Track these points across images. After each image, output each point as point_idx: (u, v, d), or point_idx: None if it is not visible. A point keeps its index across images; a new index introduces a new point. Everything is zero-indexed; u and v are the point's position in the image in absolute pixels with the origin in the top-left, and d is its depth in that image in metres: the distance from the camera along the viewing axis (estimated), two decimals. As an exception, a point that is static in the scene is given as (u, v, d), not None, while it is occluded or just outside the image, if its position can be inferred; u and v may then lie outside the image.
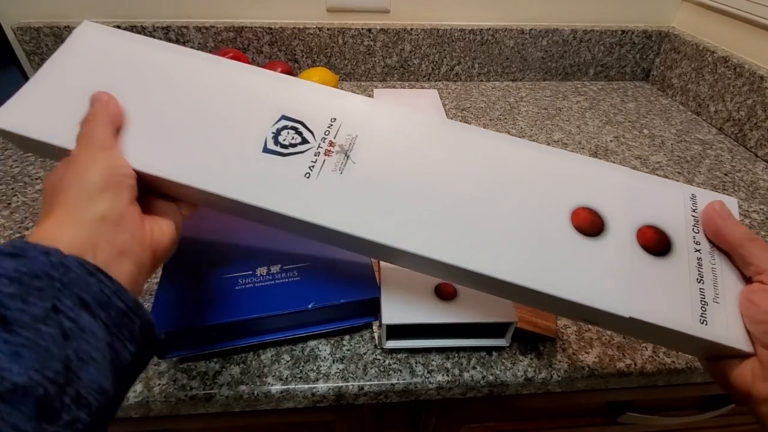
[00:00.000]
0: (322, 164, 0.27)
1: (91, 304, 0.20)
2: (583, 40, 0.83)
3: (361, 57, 0.80)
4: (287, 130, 0.28)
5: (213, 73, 0.29)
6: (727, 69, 0.71)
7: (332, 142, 0.27)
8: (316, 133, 0.28)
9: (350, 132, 0.28)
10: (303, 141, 0.27)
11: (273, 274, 0.36)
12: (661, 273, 0.25)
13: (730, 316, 0.24)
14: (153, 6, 0.75)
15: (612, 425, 0.49)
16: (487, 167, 0.28)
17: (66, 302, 0.19)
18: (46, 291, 0.18)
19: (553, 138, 0.68)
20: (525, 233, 0.26)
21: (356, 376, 0.35)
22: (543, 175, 0.28)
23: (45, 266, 0.19)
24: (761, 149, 0.66)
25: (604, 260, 0.26)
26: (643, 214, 0.27)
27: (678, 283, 0.25)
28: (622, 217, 0.27)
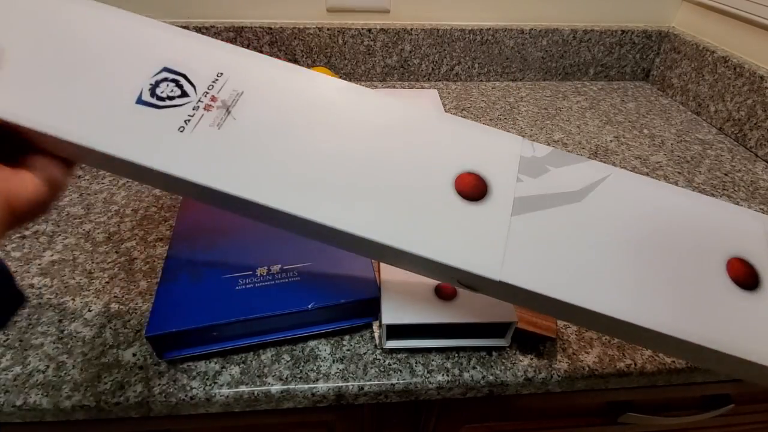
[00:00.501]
0: (200, 119, 0.26)
1: None
2: (583, 40, 0.83)
3: (361, 57, 0.80)
4: (167, 83, 0.26)
5: (102, 21, 0.27)
6: (727, 69, 0.71)
7: (214, 96, 0.26)
8: (198, 87, 0.26)
9: (236, 88, 0.27)
10: (183, 94, 0.26)
11: (273, 274, 0.36)
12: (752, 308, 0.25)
13: None
14: (152, 6, 0.75)
15: (612, 425, 0.49)
16: (376, 131, 0.27)
17: None
18: None
19: (553, 138, 0.68)
20: (403, 196, 0.25)
21: (356, 376, 0.35)
22: (433, 141, 0.27)
23: None
24: (761, 149, 0.66)
25: (482, 224, 0.25)
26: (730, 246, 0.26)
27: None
28: (506, 182, 0.26)
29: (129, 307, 0.39)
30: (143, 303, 0.39)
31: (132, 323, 0.38)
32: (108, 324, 0.37)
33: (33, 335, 0.36)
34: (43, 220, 0.48)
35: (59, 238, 0.45)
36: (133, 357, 0.35)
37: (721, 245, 0.26)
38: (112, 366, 0.34)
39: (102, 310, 0.39)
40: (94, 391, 0.33)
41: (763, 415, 0.54)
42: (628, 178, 0.28)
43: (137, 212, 0.49)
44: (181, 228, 0.40)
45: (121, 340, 0.36)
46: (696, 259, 0.26)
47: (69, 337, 0.36)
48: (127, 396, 0.33)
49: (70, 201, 0.51)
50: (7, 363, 0.34)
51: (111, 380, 0.34)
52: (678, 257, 0.26)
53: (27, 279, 0.41)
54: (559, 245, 0.25)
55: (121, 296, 0.40)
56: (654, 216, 0.27)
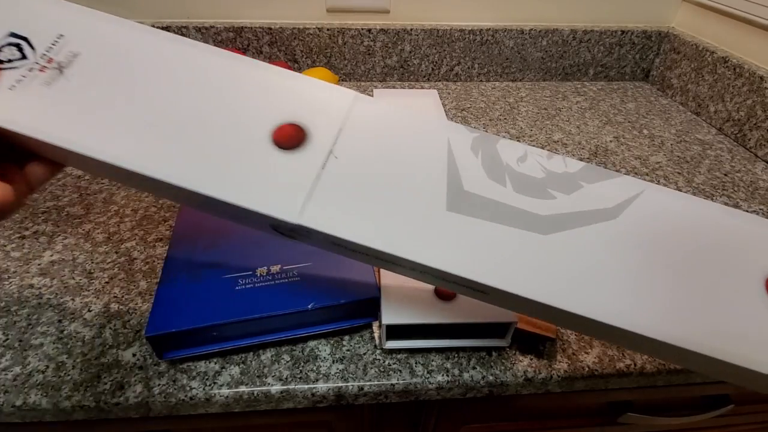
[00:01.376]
0: (33, 79, 0.27)
1: None
2: (583, 41, 0.83)
3: (360, 57, 0.80)
4: (10, 47, 0.27)
5: None
6: (727, 69, 0.71)
7: (51, 58, 0.27)
8: (38, 50, 0.27)
9: (73, 50, 0.28)
10: (22, 57, 0.27)
11: (273, 275, 0.36)
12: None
13: None
14: (152, 6, 0.75)
15: (612, 425, 0.49)
16: (199, 82, 0.27)
17: None
18: None
19: (553, 138, 0.68)
20: (219, 144, 0.26)
21: (356, 376, 0.35)
22: (254, 91, 0.27)
23: None
24: (761, 149, 0.66)
25: (292, 170, 0.25)
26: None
27: None
28: (327, 133, 0.26)
29: (129, 307, 0.39)
30: (143, 303, 0.39)
31: (132, 323, 0.38)
32: (108, 324, 0.37)
33: (33, 335, 0.36)
34: (43, 220, 0.48)
35: (59, 238, 0.45)
36: (133, 357, 0.35)
37: (760, 262, 0.25)
38: (111, 366, 0.34)
39: (102, 311, 0.39)
40: (93, 391, 0.33)
41: (763, 415, 0.54)
42: (665, 193, 0.27)
43: (137, 212, 0.49)
44: (180, 228, 0.40)
45: (121, 341, 0.36)
46: (732, 275, 0.25)
47: (69, 338, 0.36)
48: (126, 396, 0.33)
49: (70, 201, 0.51)
50: (6, 363, 0.34)
51: (111, 380, 0.34)
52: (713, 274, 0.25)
53: (27, 279, 0.41)
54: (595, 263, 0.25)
55: (120, 296, 0.40)
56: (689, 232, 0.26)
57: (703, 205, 0.27)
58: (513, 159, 0.27)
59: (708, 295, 0.24)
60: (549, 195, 0.26)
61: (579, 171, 0.27)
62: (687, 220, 0.26)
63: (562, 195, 0.26)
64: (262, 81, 0.28)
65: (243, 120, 0.26)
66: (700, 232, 0.26)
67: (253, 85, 0.27)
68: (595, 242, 0.25)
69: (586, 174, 0.27)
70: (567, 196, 0.26)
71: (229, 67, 0.28)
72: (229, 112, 0.27)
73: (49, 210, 0.49)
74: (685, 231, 0.26)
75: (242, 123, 0.26)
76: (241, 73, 0.28)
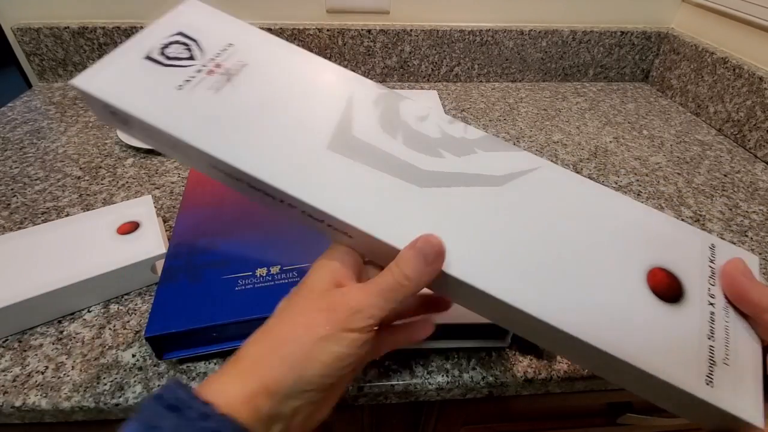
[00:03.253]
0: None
1: None
2: (583, 41, 0.83)
3: (360, 58, 0.80)
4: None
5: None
6: (727, 70, 0.71)
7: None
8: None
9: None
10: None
11: (273, 275, 0.36)
12: (668, 321, 0.23)
13: (739, 382, 0.22)
14: (153, 7, 0.75)
15: (612, 426, 0.49)
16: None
17: None
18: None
19: (553, 139, 0.68)
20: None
21: (356, 376, 0.35)
22: None
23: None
24: (760, 150, 0.66)
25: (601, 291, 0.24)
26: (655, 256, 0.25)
27: (685, 336, 0.23)
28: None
29: (128, 307, 0.39)
30: (143, 304, 0.39)
31: (131, 324, 0.37)
32: (107, 325, 0.37)
33: (32, 336, 0.36)
34: (43, 221, 0.48)
35: (59, 239, 0.45)
36: (133, 358, 0.35)
37: (648, 253, 0.25)
38: (111, 367, 0.34)
39: (101, 311, 0.39)
40: (93, 392, 0.33)
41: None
42: (560, 173, 0.27)
43: (137, 213, 0.49)
44: (181, 228, 0.40)
45: (121, 341, 0.36)
46: (615, 261, 0.24)
47: (68, 338, 0.36)
48: (126, 397, 0.33)
49: (69, 201, 0.51)
50: (6, 364, 0.34)
51: (110, 381, 0.33)
52: (596, 258, 0.24)
53: (26, 280, 0.41)
54: (465, 223, 0.24)
55: (120, 297, 0.40)
56: (578, 214, 0.25)
57: (600, 191, 0.27)
58: (412, 117, 0.27)
59: (583, 278, 0.24)
60: (438, 154, 0.26)
61: (477, 139, 0.28)
62: (578, 203, 0.26)
63: (452, 156, 0.26)
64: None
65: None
66: (588, 216, 0.26)
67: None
68: (471, 204, 0.25)
69: (484, 142, 0.27)
70: (456, 158, 0.26)
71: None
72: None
73: (48, 210, 0.49)
74: (573, 212, 0.26)
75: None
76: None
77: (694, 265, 0.25)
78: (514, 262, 0.24)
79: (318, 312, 0.21)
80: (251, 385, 0.20)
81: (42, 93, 0.76)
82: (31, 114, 0.69)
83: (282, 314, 0.22)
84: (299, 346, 0.20)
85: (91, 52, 0.76)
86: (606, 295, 0.23)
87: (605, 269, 0.24)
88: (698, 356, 0.22)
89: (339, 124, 0.26)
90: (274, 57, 0.29)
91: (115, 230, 0.41)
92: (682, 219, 0.53)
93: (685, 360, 0.22)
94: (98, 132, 0.65)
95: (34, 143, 0.62)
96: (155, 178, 0.55)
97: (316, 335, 0.20)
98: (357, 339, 0.20)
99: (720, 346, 0.23)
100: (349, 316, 0.20)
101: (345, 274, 0.23)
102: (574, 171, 0.61)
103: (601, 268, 0.24)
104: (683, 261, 0.25)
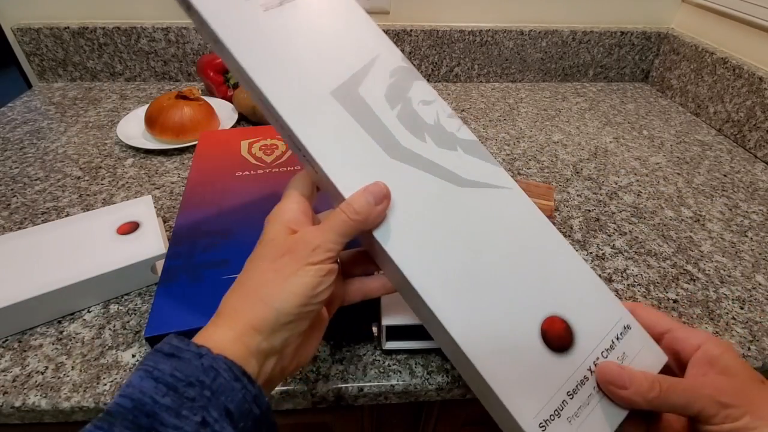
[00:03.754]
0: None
1: (235, 414, 0.20)
2: (583, 42, 0.83)
3: (360, 58, 0.80)
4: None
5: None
6: (726, 70, 0.71)
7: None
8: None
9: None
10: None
11: (273, 275, 0.36)
12: (542, 361, 0.24)
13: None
14: (153, 7, 0.75)
15: (612, 426, 0.49)
16: None
17: (213, 413, 0.19)
18: (197, 401, 0.19)
19: (553, 139, 0.68)
20: None
21: (356, 377, 0.35)
22: None
23: (197, 371, 0.20)
24: (760, 150, 0.66)
25: None
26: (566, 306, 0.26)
27: (550, 382, 0.24)
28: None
29: (128, 307, 0.39)
30: (143, 304, 0.39)
31: (131, 324, 0.37)
32: (107, 325, 0.37)
33: (32, 336, 0.36)
34: (43, 221, 0.48)
35: (58, 239, 0.45)
36: (133, 358, 0.35)
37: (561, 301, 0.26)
38: (111, 367, 0.34)
39: (101, 311, 0.39)
40: (93, 392, 0.33)
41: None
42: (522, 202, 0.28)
43: (137, 213, 0.49)
44: (180, 228, 0.40)
45: (120, 341, 0.36)
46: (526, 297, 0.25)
47: (68, 338, 0.36)
48: (126, 397, 0.33)
49: (69, 202, 0.51)
50: (6, 364, 0.34)
51: (110, 381, 0.33)
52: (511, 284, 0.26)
53: (26, 280, 0.41)
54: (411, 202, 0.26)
55: (120, 297, 0.40)
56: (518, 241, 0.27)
57: (553, 235, 0.28)
58: (418, 98, 0.29)
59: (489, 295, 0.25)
60: (422, 137, 0.28)
61: (465, 140, 0.29)
62: (523, 234, 0.27)
63: (433, 144, 0.28)
64: None
65: None
66: (526, 248, 0.27)
67: None
68: (426, 189, 0.26)
69: (469, 146, 0.28)
70: (436, 147, 0.28)
71: None
72: None
73: (48, 210, 0.49)
74: (514, 239, 0.27)
75: None
76: None
77: (597, 333, 0.26)
78: (436, 254, 0.25)
79: (282, 257, 0.23)
80: (238, 327, 0.22)
81: (42, 93, 0.76)
82: (31, 114, 0.69)
83: (250, 268, 0.24)
84: (273, 287, 0.23)
85: (91, 52, 0.76)
86: (499, 316, 0.25)
87: (513, 297, 0.25)
88: (548, 403, 0.24)
89: (351, 77, 0.27)
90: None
91: (115, 230, 0.41)
92: (681, 220, 0.53)
93: (534, 397, 0.24)
94: (98, 132, 0.65)
95: (34, 143, 0.62)
96: (155, 178, 0.55)
97: (285, 274, 0.23)
98: (320, 269, 0.23)
99: (573, 407, 0.24)
100: (309, 252, 0.23)
101: (297, 221, 0.25)
102: (573, 171, 0.61)
103: (509, 296, 0.25)
104: (588, 324, 0.26)
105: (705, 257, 0.47)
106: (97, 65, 0.78)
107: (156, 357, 0.20)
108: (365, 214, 0.24)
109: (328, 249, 0.24)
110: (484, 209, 0.27)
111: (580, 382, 0.25)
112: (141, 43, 0.76)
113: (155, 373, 0.19)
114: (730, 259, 0.47)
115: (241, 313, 0.23)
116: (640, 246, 0.48)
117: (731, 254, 0.48)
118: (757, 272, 0.46)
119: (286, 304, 0.22)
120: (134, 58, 0.78)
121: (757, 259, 0.48)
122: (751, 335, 0.39)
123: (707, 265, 0.46)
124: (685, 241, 0.50)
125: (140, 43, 0.76)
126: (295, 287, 0.23)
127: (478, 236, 0.26)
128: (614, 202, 0.55)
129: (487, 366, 0.24)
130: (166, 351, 0.20)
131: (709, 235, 0.51)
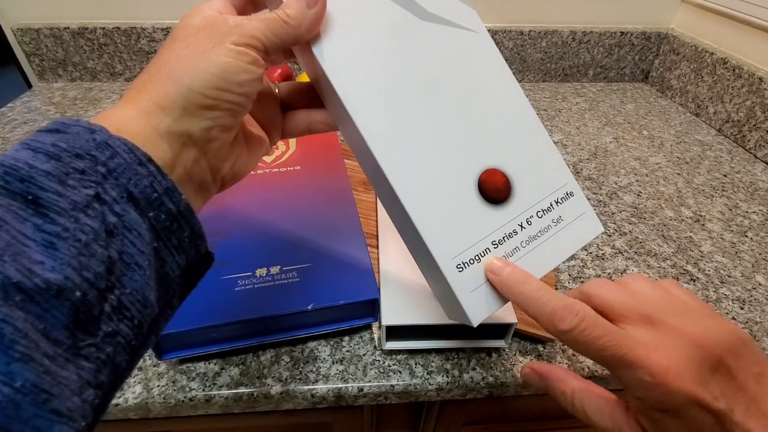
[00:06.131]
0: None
1: (140, 200, 0.17)
2: (582, 42, 0.83)
3: (360, 58, 0.80)
4: None
5: None
6: (726, 70, 0.71)
7: None
8: None
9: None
10: None
11: (272, 275, 0.36)
12: (472, 209, 0.24)
13: (487, 288, 0.24)
14: (153, 7, 0.75)
15: (612, 426, 0.49)
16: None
17: (111, 192, 0.16)
18: (88, 174, 0.15)
19: (553, 139, 0.68)
20: None
21: (356, 377, 0.35)
22: None
23: (88, 145, 0.16)
24: (760, 150, 0.66)
25: None
26: (509, 161, 0.25)
27: (476, 230, 0.24)
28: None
29: (128, 308, 0.39)
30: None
31: (131, 324, 0.37)
32: (107, 325, 0.37)
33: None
34: (43, 220, 0.48)
35: (58, 239, 0.45)
36: (132, 358, 0.35)
37: (504, 156, 0.25)
38: (111, 367, 0.34)
39: (101, 311, 0.38)
40: (93, 392, 0.33)
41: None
42: (487, 48, 0.27)
43: (136, 213, 0.49)
44: (180, 229, 0.40)
45: (120, 341, 0.36)
46: (469, 143, 0.25)
47: (68, 338, 0.36)
48: (126, 397, 0.33)
49: (69, 202, 0.51)
50: (5, 364, 0.34)
51: (110, 381, 0.33)
52: (454, 129, 0.25)
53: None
54: (359, 26, 0.24)
55: (120, 297, 0.40)
56: (474, 86, 0.26)
57: (511, 86, 0.27)
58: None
59: (431, 133, 0.24)
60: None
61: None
62: (480, 84, 0.26)
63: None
64: None
65: None
66: (480, 93, 0.26)
67: None
68: (380, 15, 0.25)
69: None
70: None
71: None
72: None
73: (48, 211, 0.49)
74: (472, 83, 0.26)
75: None
76: None
77: (538, 193, 0.26)
78: (381, 86, 0.24)
79: (197, 33, 0.20)
80: (140, 104, 0.19)
81: (42, 93, 0.76)
82: (31, 114, 0.69)
83: (163, 49, 0.21)
84: (183, 61, 0.19)
85: (91, 52, 0.76)
86: (439, 159, 0.24)
87: (456, 142, 0.25)
88: (471, 248, 0.24)
89: None
90: None
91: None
92: (681, 220, 0.53)
93: (457, 240, 0.24)
94: (98, 132, 0.65)
95: (34, 143, 0.62)
96: (155, 178, 0.55)
97: (200, 50, 0.19)
98: (243, 52, 0.20)
99: (495, 256, 0.24)
100: (230, 30, 0.20)
101: (222, 8, 0.22)
102: (573, 171, 0.61)
103: (453, 140, 0.25)
104: (530, 183, 0.26)
105: (705, 257, 0.48)
106: (97, 65, 0.78)
107: (37, 134, 0.16)
108: (298, 20, 0.21)
109: (251, 35, 0.20)
110: (443, 49, 0.25)
111: (507, 234, 0.25)
112: (141, 43, 0.76)
113: (33, 144, 0.16)
114: (730, 259, 0.47)
115: (144, 91, 0.19)
116: (640, 246, 0.48)
117: (731, 254, 0.48)
118: (757, 272, 0.46)
119: (198, 81, 0.19)
120: (134, 58, 0.78)
121: (757, 259, 0.48)
122: (751, 335, 0.39)
123: (707, 265, 0.46)
124: (685, 241, 0.50)
125: (140, 43, 0.76)
126: (210, 65, 0.19)
127: (432, 76, 0.25)
128: (614, 202, 0.55)
129: (414, 203, 0.23)
130: (49, 127, 0.17)
131: (709, 235, 0.51)
